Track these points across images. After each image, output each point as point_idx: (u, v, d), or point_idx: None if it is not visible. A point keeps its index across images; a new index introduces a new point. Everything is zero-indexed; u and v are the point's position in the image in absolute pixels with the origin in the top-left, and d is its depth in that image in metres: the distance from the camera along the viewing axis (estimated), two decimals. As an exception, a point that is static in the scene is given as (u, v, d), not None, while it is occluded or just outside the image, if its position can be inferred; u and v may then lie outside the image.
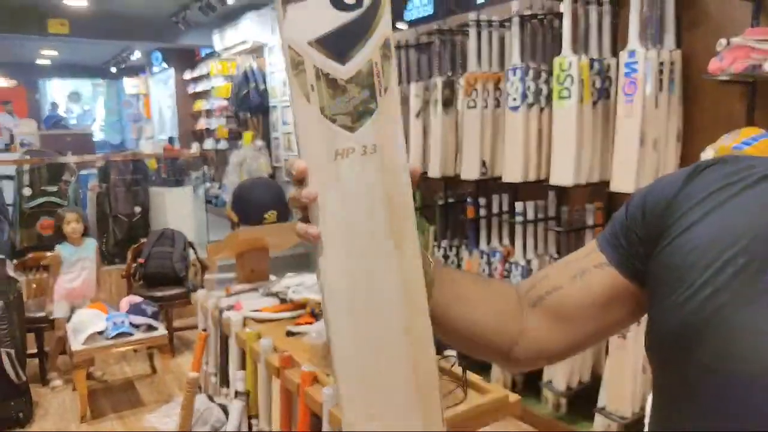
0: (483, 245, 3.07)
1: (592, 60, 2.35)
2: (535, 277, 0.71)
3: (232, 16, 6.41)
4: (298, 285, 1.92)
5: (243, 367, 1.79)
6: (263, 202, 2.14)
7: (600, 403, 2.37)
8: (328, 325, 0.57)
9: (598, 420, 2.40)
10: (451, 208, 3.31)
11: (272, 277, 2.18)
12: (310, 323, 1.72)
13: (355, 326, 0.57)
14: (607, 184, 2.31)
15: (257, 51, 6.47)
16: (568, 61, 2.34)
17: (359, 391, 0.57)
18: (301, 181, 0.54)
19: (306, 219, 0.56)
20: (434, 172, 3.18)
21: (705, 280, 0.52)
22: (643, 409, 2.25)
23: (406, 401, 0.59)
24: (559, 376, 2.56)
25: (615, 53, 2.36)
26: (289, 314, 1.84)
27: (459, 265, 3.23)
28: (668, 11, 2.18)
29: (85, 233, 3.56)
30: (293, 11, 0.54)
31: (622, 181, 2.18)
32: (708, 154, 1.94)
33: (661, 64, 2.13)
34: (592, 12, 2.39)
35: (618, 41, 2.40)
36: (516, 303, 0.69)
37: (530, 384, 2.77)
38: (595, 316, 0.65)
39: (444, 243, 3.30)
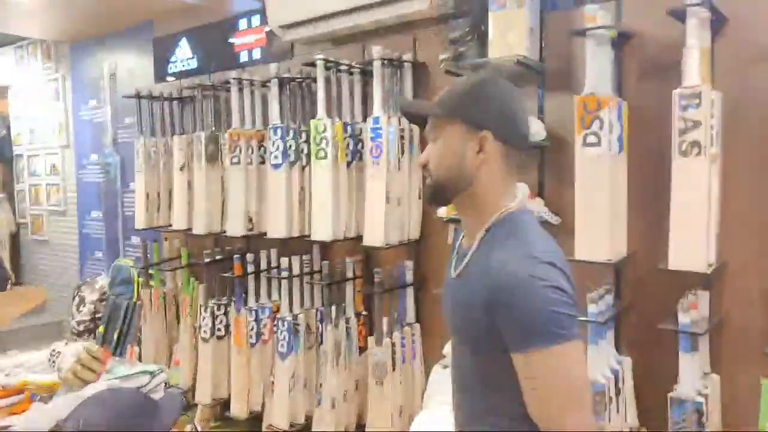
0: (252, 302, 3.01)
1: (345, 123, 2.52)
2: None
3: (-36, 51, 5.50)
4: (16, 366, 1.63)
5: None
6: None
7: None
8: None
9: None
10: (218, 265, 3.19)
11: (-13, 358, 1.82)
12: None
13: None
14: (362, 238, 2.46)
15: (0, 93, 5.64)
16: (323, 123, 2.48)
17: None
18: None
19: None
20: (199, 228, 3.07)
21: None
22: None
23: None
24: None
25: (365, 118, 2.57)
26: (3, 402, 1.55)
27: (228, 325, 3.10)
28: (406, 85, 2.47)
29: None
30: None
31: (373, 236, 2.34)
32: (441, 212, 2.20)
33: (402, 130, 2.37)
34: (344, 79, 2.59)
35: (368, 107, 2.62)
36: None
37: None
38: None
39: (212, 302, 3.15)
